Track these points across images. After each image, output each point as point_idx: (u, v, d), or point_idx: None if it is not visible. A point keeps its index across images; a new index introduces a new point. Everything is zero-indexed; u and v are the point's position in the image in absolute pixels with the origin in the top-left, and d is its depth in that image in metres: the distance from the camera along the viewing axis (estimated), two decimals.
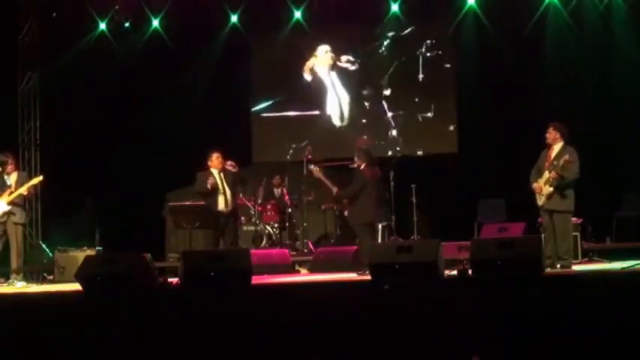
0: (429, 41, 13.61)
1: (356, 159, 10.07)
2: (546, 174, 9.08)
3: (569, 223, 9.26)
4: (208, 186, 10.12)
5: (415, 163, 12.73)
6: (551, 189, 9.03)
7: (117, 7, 13.59)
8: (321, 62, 14.54)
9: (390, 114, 14.10)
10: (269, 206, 12.90)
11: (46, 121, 13.56)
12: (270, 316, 5.96)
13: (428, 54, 13.63)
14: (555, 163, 9.02)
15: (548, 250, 8.65)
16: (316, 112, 14.34)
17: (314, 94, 14.38)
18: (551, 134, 9.18)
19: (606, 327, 4.81)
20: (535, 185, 9.16)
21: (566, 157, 8.92)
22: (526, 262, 7.84)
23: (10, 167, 10.38)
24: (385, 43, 13.80)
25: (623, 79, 12.22)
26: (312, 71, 14.43)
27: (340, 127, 14.36)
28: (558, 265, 8.90)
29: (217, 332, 5.49)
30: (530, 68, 12.50)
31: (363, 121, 14.23)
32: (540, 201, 9.17)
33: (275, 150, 14.11)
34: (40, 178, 10.71)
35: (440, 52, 13.59)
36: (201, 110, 13.54)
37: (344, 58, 14.33)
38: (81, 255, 10.42)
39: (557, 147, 9.17)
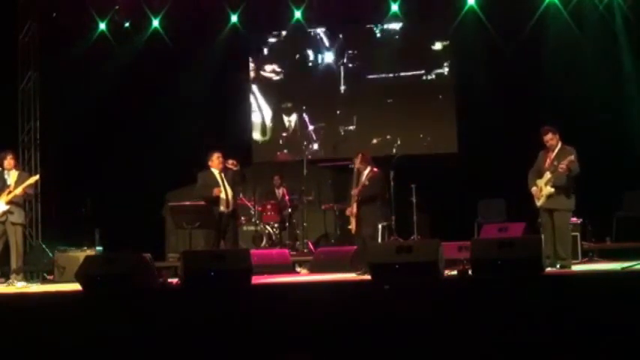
0: (428, 41, 13.62)
1: (360, 163, 10.00)
2: (547, 174, 9.08)
3: (568, 221, 9.28)
4: (214, 195, 10.06)
5: (415, 163, 12.71)
6: (552, 189, 9.03)
7: (117, 7, 13.60)
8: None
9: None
10: (269, 206, 12.90)
11: (46, 121, 13.56)
12: (270, 316, 5.95)
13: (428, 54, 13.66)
14: (556, 163, 9.03)
15: (547, 250, 8.66)
16: None
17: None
18: (554, 139, 9.19)
19: (606, 327, 4.81)
20: (534, 189, 9.17)
21: (572, 157, 8.94)
22: (526, 262, 7.87)
23: (9, 163, 10.32)
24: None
25: (623, 78, 12.23)
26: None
27: (262, 142, 14.33)
28: (558, 265, 8.91)
29: (217, 332, 5.48)
30: (530, 68, 12.50)
31: (284, 134, 14.16)
32: (539, 202, 9.17)
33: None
34: (36, 177, 10.69)
35: (439, 52, 13.60)
36: (201, 110, 13.54)
37: (268, 67, 14.25)
38: (81, 255, 10.42)
39: (556, 147, 9.19)
